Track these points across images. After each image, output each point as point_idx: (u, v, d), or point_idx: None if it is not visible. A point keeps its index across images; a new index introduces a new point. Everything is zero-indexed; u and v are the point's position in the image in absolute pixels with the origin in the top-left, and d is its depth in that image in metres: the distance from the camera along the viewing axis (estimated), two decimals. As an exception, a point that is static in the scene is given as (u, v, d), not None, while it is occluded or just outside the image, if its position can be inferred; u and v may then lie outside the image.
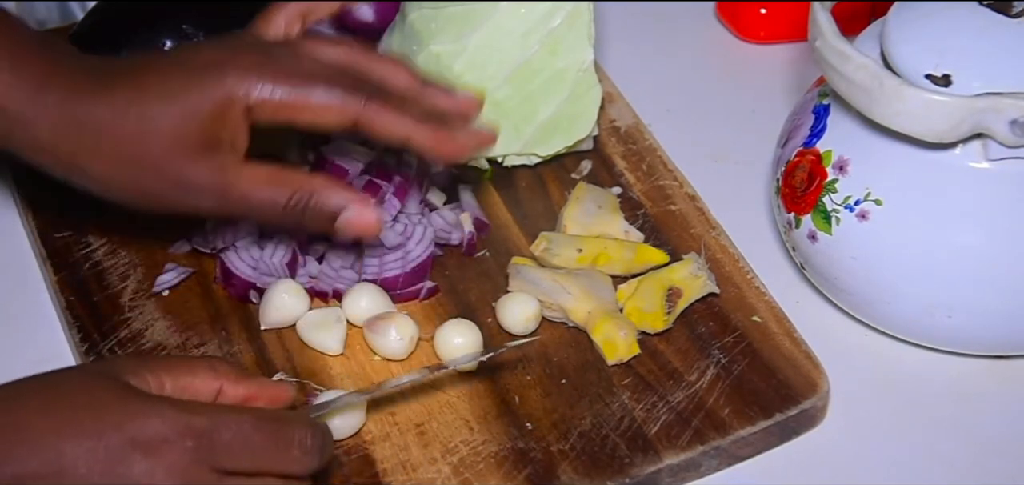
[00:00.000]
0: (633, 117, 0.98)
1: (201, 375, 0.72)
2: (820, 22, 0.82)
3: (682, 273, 0.87)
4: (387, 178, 0.89)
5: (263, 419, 0.71)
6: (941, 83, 0.80)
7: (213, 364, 0.73)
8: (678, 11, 1.09)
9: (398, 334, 0.83)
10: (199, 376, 0.72)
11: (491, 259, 0.90)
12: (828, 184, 0.84)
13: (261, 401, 0.73)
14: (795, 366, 0.83)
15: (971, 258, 0.81)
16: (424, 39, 0.93)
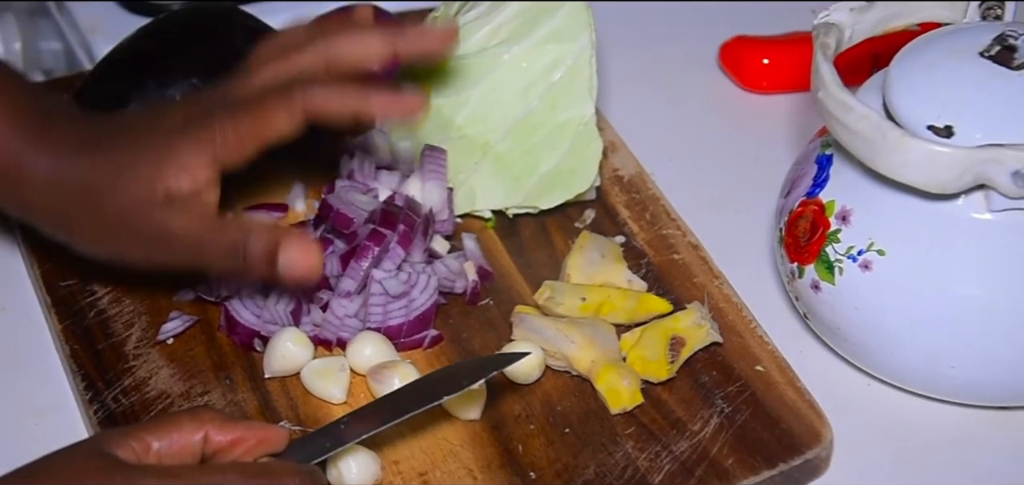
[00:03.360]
0: (636, 166, 0.98)
1: (185, 428, 0.73)
2: (822, 73, 0.82)
3: (685, 322, 0.87)
4: (391, 227, 0.89)
5: (248, 473, 0.71)
6: (943, 134, 0.80)
7: (196, 414, 0.73)
8: (681, 61, 1.09)
9: (401, 382, 0.83)
10: (183, 429, 0.73)
11: (495, 308, 0.90)
12: (831, 234, 0.84)
13: (250, 444, 0.74)
14: (798, 416, 0.83)
15: (974, 309, 0.81)
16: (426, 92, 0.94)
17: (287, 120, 0.81)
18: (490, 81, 0.93)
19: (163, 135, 0.82)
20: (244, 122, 0.81)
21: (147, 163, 0.82)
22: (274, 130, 0.82)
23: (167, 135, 0.82)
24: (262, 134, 0.82)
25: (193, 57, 0.95)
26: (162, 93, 0.94)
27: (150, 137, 0.83)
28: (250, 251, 0.82)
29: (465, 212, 0.94)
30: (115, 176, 0.82)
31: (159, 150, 0.82)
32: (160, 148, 0.82)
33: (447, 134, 0.94)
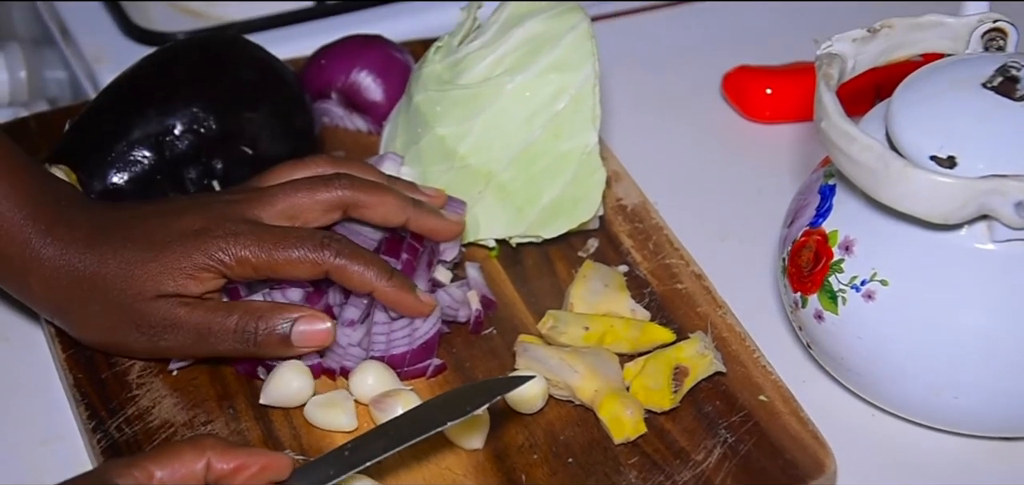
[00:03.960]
0: (639, 195, 0.99)
1: (186, 456, 0.73)
2: (825, 103, 0.82)
3: (689, 352, 0.87)
4: (395, 255, 0.89)
5: None
6: (946, 165, 0.80)
7: (197, 442, 0.74)
8: (684, 91, 1.09)
9: (404, 411, 0.83)
10: (185, 458, 0.73)
11: (498, 337, 0.90)
12: (834, 264, 0.84)
13: (253, 471, 0.74)
14: (802, 446, 0.83)
15: (977, 339, 0.81)
16: (429, 121, 0.94)
17: (308, 272, 0.84)
18: (494, 111, 0.93)
19: (178, 238, 0.84)
20: (265, 253, 0.83)
21: (158, 263, 0.83)
22: (291, 274, 0.84)
23: (182, 239, 0.84)
24: (278, 271, 0.84)
25: (196, 87, 0.95)
26: (164, 122, 0.94)
27: (164, 236, 0.84)
28: (261, 335, 0.84)
29: (469, 241, 0.95)
30: (124, 272, 0.83)
31: (173, 253, 0.83)
32: (174, 251, 0.83)
33: (451, 163, 0.94)
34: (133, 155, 0.94)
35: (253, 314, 0.84)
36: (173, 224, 0.85)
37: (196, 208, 0.86)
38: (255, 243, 0.84)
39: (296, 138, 0.99)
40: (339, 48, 1.04)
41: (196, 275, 0.83)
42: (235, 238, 0.84)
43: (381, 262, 0.85)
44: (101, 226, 0.85)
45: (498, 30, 0.94)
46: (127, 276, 0.83)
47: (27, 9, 1.22)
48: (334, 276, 0.84)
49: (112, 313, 0.84)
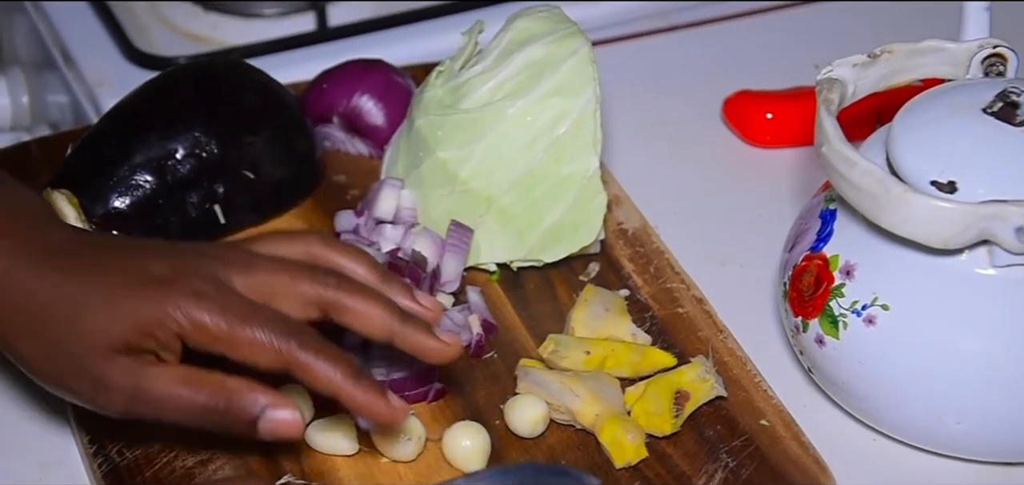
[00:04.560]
0: (640, 220, 0.99)
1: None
2: (826, 128, 0.83)
3: (690, 376, 0.87)
4: (396, 280, 0.89)
5: None
6: (946, 190, 0.80)
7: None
8: (685, 115, 1.10)
9: (406, 435, 0.83)
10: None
11: (499, 361, 0.90)
12: (835, 288, 0.84)
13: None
14: (803, 470, 0.83)
15: (979, 364, 0.81)
16: (431, 145, 0.94)
17: (267, 360, 0.76)
18: (494, 135, 0.93)
19: (137, 284, 0.76)
20: (226, 325, 0.75)
21: (110, 310, 0.75)
22: (248, 357, 0.76)
23: (141, 286, 0.76)
24: (236, 350, 0.76)
25: (198, 112, 0.95)
26: (165, 146, 0.94)
27: (121, 279, 0.76)
28: (229, 419, 0.76)
29: (469, 265, 0.95)
30: (73, 313, 0.76)
31: (128, 300, 0.76)
32: (129, 299, 0.76)
33: (452, 188, 0.94)
34: (135, 179, 0.94)
35: (223, 393, 0.76)
36: (136, 266, 0.77)
37: (166, 254, 0.78)
38: (218, 311, 0.75)
39: (297, 162, 0.99)
40: (341, 73, 1.04)
41: (148, 332, 0.75)
42: (197, 299, 0.75)
43: (349, 362, 0.76)
44: (58, 250, 0.78)
45: (499, 55, 0.95)
46: (76, 317, 0.76)
47: (29, 33, 1.22)
48: (296, 372, 0.76)
49: (61, 357, 0.77)
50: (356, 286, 0.78)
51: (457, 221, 0.93)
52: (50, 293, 0.77)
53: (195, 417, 0.77)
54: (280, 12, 1.18)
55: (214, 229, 0.96)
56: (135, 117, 0.96)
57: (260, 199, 0.97)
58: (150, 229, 0.95)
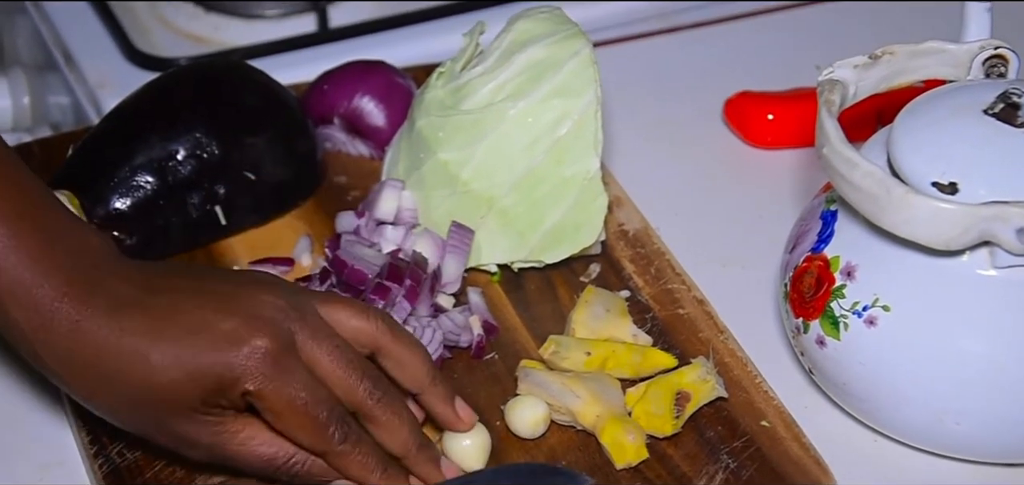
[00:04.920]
0: (641, 221, 0.99)
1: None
2: (827, 129, 0.83)
3: (691, 377, 0.87)
4: (398, 281, 0.89)
5: None
6: (948, 191, 0.80)
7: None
8: (686, 116, 1.10)
9: None
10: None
11: (500, 362, 0.90)
12: (836, 289, 0.84)
13: None
14: (804, 471, 0.83)
15: (980, 365, 0.81)
16: (432, 147, 0.94)
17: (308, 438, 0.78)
18: (495, 136, 0.93)
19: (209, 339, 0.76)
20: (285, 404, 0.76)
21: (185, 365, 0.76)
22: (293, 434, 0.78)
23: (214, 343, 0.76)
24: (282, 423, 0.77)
25: (199, 113, 0.95)
26: (166, 147, 0.94)
27: (191, 330, 0.76)
28: (304, 470, 0.79)
29: (470, 266, 0.95)
30: (146, 365, 0.76)
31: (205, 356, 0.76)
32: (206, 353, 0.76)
33: (453, 189, 0.94)
34: (136, 180, 0.94)
35: (299, 462, 0.79)
36: (203, 321, 0.77)
37: (233, 305, 0.77)
38: (282, 388, 0.76)
39: (298, 163, 0.99)
40: (342, 74, 1.04)
41: (219, 392, 0.76)
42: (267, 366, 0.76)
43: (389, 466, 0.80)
44: (122, 307, 0.77)
45: (500, 56, 0.95)
46: (149, 379, 0.76)
47: (31, 34, 1.22)
48: (331, 461, 0.79)
49: (133, 410, 0.77)
50: (394, 402, 0.80)
51: (458, 222, 0.93)
52: (121, 353, 0.76)
53: (272, 474, 0.79)
54: (281, 13, 1.18)
55: (215, 230, 0.96)
56: (136, 118, 0.96)
57: (261, 200, 0.97)
58: (151, 230, 0.95)
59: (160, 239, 0.95)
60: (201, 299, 0.78)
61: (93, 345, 0.76)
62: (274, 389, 0.77)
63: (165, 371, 0.76)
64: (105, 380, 0.77)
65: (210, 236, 0.97)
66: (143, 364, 0.76)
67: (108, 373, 0.76)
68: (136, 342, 0.76)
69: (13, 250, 0.75)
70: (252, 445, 0.78)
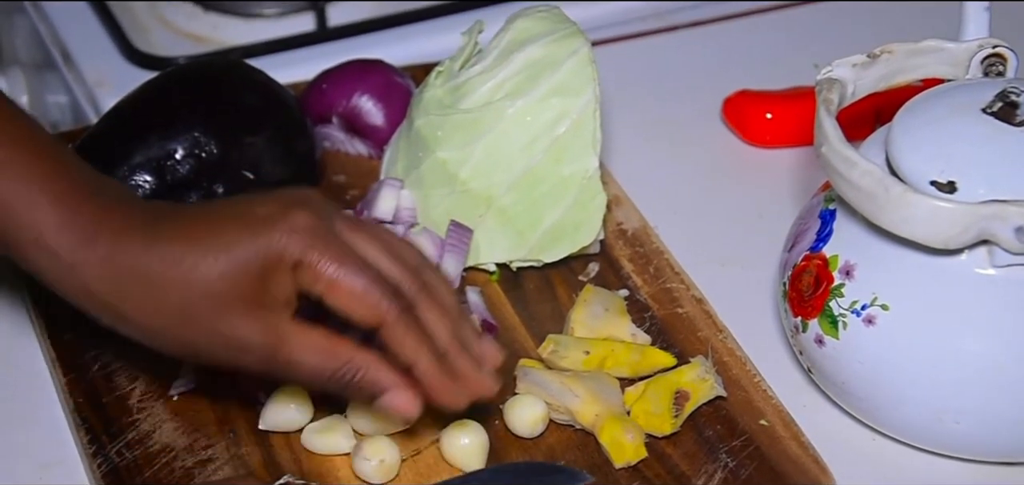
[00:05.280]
0: (640, 220, 0.99)
1: None
2: (825, 128, 0.83)
3: (689, 376, 0.87)
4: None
5: None
6: (946, 190, 0.80)
7: None
8: (685, 115, 1.10)
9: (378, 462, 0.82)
10: None
11: (499, 362, 0.90)
12: (835, 288, 0.84)
13: None
14: (803, 470, 0.83)
15: (978, 364, 0.81)
16: (430, 146, 0.94)
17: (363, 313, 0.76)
18: (494, 135, 0.93)
19: (249, 221, 0.76)
20: (334, 267, 0.76)
21: (227, 249, 0.76)
22: (346, 305, 0.76)
23: (253, 223, 0.76)
24: (335, 294, 0.76)
25: (197, 112, 0.95)
26: (165, 147, 0.94)
27: (230, 219, 0.77)
28: (355, 387, 0.78)
29: (469, 265, 0.95)
30: (185, 262, 0.76)
31: (246, 236, 0.76)
32: (246, 234, 0.76)
33: (452, 188, 0.94)
34: (135, 180, 0.94)
35: (354, 367, 0.77)
36: (240, 211, 0.77)
37: (270, 197, 0.78)
38: (329, 252, 0.76)
39: (297, 162, 0.99)
40: (340, 73, 1.04)
41: (265, 273, 0.75)
42: (309, 234, 0.76)
43: (434, 347, 0.78)
44: (157, 223, 0.77)
45: (499, 55, 0.95)
46: (198, 285, 0.75)
47: (29, 34, 1.22)
48: (387, 335, 0.77)
49: (180, 322, 0.76)
50: (441, 284, 0.80)
51: (456, 221, 0.93)
52: (164, 258, 0.76)
53: (323, 383, 0.78)
54: (280, 12, 1.18)
55: (214, 229, 0.96)
56: (135, 117, 0.96)
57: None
58: (150, 229, 0.95)
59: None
60: (233, 202, 0.79)
61: (134, 259, 0.76)
62: (321, 256, 0.75)
63: (210, 265, 0.75)
64: (150, 294, 0.76)
65: (209, 235, 0.97)
66: (187, 263, 0.76)
67: (153, 285, 0.76)
68: (177, 245, 0.76)
69: (38, 191, 0.76)
70: (306, 348, 0.77)
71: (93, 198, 0.78)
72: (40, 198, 0.76)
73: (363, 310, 0.77)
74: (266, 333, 0.77)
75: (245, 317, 0.76)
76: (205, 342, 0.77)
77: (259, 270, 0.75)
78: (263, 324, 0.76)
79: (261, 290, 0.76)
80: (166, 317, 0.77)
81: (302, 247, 0.76)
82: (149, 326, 0.78)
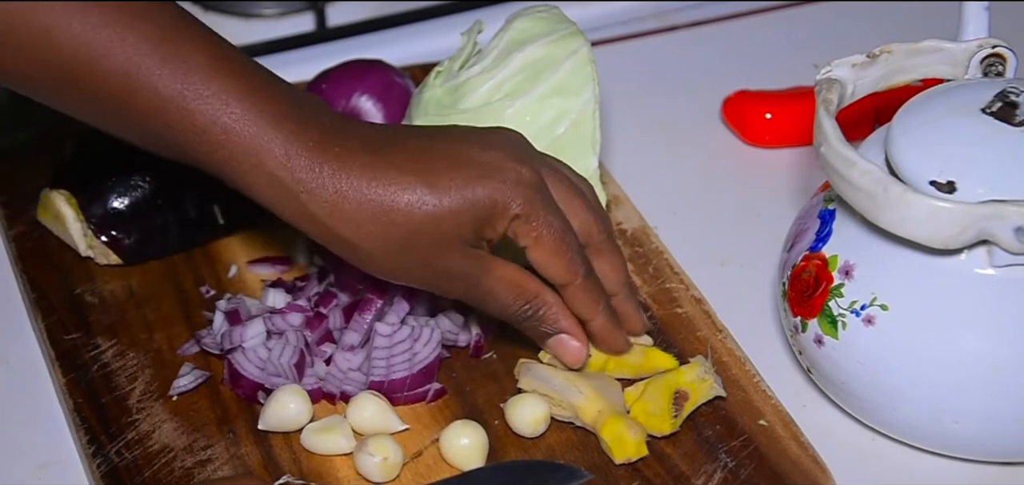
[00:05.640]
0: (639, 220, 0.99)
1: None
2: (825, 128, 0.83)
3: (689, 376, 0.87)
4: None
5: None
6: (945, 190, 0.80)
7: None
8: (684, 115, 1.10)
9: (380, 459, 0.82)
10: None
11: (498, 361, 0.90)
12: (834, 288, 0.84)
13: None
14: (802, 470, 0.83)
15: (977, 364, 0.81)
16: (432, 145, 0.94)
17: (559, 272, 0.82)
18: (494, 135, 0.93)
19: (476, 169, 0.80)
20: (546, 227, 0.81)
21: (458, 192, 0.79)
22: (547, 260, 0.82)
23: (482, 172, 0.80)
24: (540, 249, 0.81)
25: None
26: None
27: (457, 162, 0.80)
28: (535, 322, 0.83)
29: (469, 266, 0.95)
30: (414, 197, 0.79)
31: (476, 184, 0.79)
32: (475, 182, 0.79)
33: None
34: (133, 180, 0.94)
35: (541, 304, 0.83)
36: (464, 155, 0.80)
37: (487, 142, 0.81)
38: (548, 210, 0.81)
39: (297, 162, 0.99)
40: (340, 73, 1.04)
41: (490, 221, 0.80)
42: (536, 192, 0.81)
43: (605, 297, 0.85)
44: (382, 149, 0.80)
45: (498, 55, 0.95)
46: (424, 219, 0.79)
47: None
48: (569, 292, 0.83)
49: (399, 249, 0.79)
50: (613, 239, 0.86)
51: None
52: (388, 190, 0.79)
53: (509, 315, 0.83)
54: (279, 12, 1.18)
55: (213, 229, 0.96)
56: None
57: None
58: (149, 229, 0.95)
59: (158, 238, 0.95)
60: (452, 138, 0.82)
61: (361, 184, 0.79)
62: (537, 213, 0.80)
63: (441, 200, 0.79)
64: (375, 222, 0.79)
65: (208, 235, 0.97)
66: (415, 197, 0.79)
67: (378, 211, 0.79)
68: (406, 177, 0.79)
69: (258, 115, 0.78)
70: (506, 281, 0.82)
71: (311, 121, 0.79)
72: (260, 123, 0.78)
73: (558, 269, 0.82)
74: (474, 266, 0.81)
75: (459, 252, 0.80)
76: (418, 269, 0.81)
77: (485, 214, 0.80)
78: (474, 259, 0.81)
79: (479, 231, 0.80)
80: (386, 244, 0.80)
81: (524, 202, 0.80)
82: (367, 250, 0.80)
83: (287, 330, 0.88)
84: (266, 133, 0.78)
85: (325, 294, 0.90)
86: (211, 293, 0.94)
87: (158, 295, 0.94)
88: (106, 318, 0.92)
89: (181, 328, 0.91)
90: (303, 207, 0.79)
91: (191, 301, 0.93)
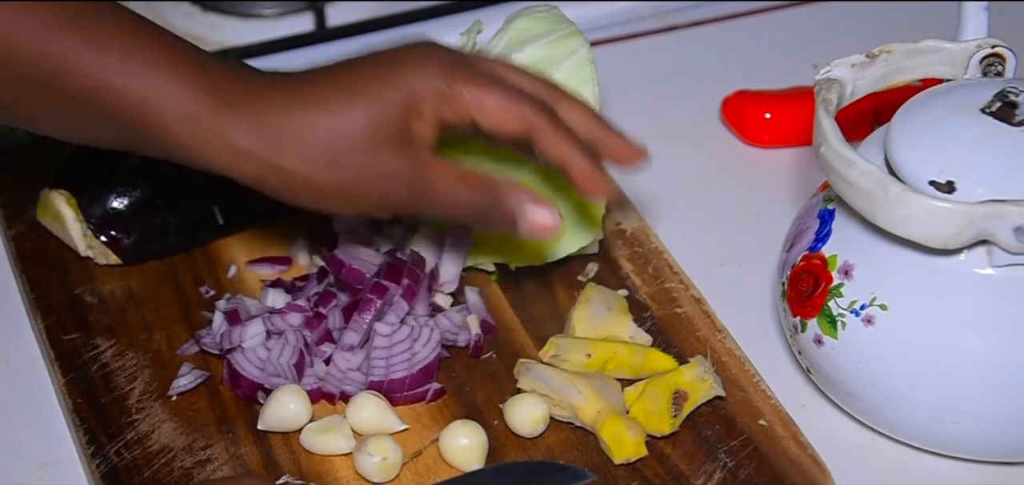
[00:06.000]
0: (639, 220, 0.99)
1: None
2: (824, 128, 0.83)
3: (688, 376, 0.87)
4: (396, 280, 0.89)
5: None
6: (945, 190, 0.80)
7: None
8: (684, 115, 1.10)
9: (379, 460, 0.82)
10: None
11: (498, 361, 0.90)
12: (833, 288, 0.84)
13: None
14: (801, 470, 0.83)
15: (977, 364, 0.81)
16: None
17: (513, 124, 0.81)
18: (494, 136, 0.93)
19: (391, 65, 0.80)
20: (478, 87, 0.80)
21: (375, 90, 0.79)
22: (496, 120, 0.81)
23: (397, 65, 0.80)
24: (483, 111, 0.80)
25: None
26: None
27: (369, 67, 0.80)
28: (495, 211, 0.81)
29: (468, 266, 0.95)
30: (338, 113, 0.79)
31: (394, 76, 0.79)
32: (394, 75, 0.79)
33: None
34: (133, 180, 0.94)
35: (492, 191, 0.81)
36: (381, 59, 0.81)
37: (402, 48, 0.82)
38: (472, 76, 0.80)
39: (296, 162, 0.99)
40: (339, 73, 1.04)
41: (415, 106, 0.79)
42: (451, 66, 0.80)
43: (579, 142, 0.82)
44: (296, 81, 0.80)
45: (498, 55, 0.95)
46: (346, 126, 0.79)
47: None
48: (536, 136, 0.81)
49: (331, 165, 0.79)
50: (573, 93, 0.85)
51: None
52: (306, 108, 0.79)
53: (464, 213, 0.82)
54: (278, 12, 1.18)
55: (213, 230, 0.96)
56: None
57: (258, 200, 0.97)
58: (148, 229, 0.95)
59: (157, 239, 0.95)
60: (364, 56, 0.81)
61: (280, 111, 0.79)
62: (465, 83, 0.79)
63: (359, 101, 0.79)
64: (299, 139, 0.78)
65: (208, 236, 0.97)
66: (334, 107, 0.78)
67: (301, 130, 0.78)
68: (322, 92, 0.79)
69: (172, 67, 0.78)
70: (451, 176, 0.80)
71: (222, 67, 0.80)
72: (172, 73, 0.78)
73: (512, 121, 0.80)
74: (411, 165, 0.80)
75: (392, 151, 0.79)
76: (354, 179, 0.79)
77: (407, 101, 0.79)
78: (409, 156, 0.79)
79: (405, 126, 0.79)
80: (315, 161, 0.79)
81: (446, 77, 0.80)
82: (299, 172, 0.79)
83: (286, 330, 0.88)
84: (178, 81, 0.78)
85: (324, 294, 0.90)
86: (210, 293, 0.94)
87: (157, 295, 0.94)
88: (105, 318, 0.92)
89: (180, 328, 0.91)
90: (229, 143, 0.78)
91: (190, 301, 0.93)
